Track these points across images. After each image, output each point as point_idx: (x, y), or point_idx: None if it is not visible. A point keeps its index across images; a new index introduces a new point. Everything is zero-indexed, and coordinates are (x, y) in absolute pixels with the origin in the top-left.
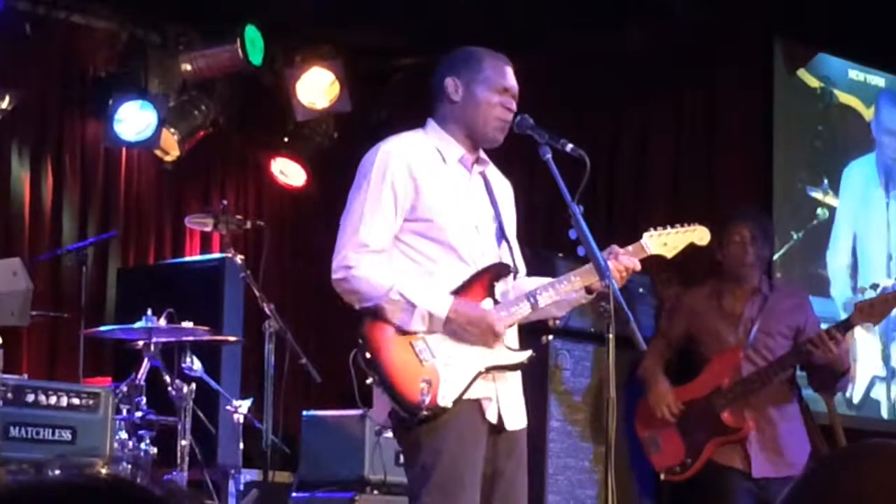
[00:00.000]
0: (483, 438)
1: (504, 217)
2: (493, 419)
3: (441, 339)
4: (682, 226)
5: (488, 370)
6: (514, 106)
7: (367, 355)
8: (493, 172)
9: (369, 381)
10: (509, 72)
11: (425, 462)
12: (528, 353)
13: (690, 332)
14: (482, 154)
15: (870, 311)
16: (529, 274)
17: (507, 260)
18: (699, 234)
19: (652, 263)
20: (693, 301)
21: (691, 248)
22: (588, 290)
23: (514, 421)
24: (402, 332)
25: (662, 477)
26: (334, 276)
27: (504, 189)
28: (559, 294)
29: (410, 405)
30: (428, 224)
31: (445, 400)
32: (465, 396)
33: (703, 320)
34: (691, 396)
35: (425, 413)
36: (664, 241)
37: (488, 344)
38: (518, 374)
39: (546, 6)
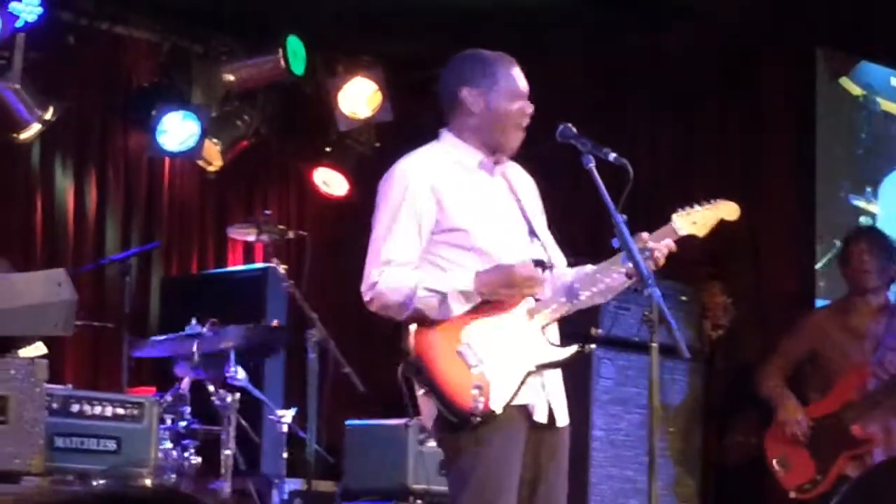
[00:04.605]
0: (522, 443)
1: (531, 214)
2: (543, 419)
3: (487, 343)
4: (710, 202)
5: (538, 368)
6: (531, 110)
7: (416, 367)
8: (514, 171)
9: (421, 392)
10: (520, 73)
11: (465, 466)
12: (574, 348)
13: (814, 350)
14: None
15: None
16: None
17: (541, 255)
18: (728, 210)
19: (695, 273)
20: (819, 319)
21: (723, 226)
22: (628, 276)
23: (562, 417)
24: (448, 332)
25: (793, 495)
26: (365, 298)
27: (527, 186)
28: (598, 287)
29: (464, 413)
30: (457, 234)
31: (498, 404)
32: (513, 402)
33: (830, 338)
34: (820, 413)
35: (479, 419)
36: (693, 220)
37: (532, 293)
38: (559, 372)
39: (585, 10)
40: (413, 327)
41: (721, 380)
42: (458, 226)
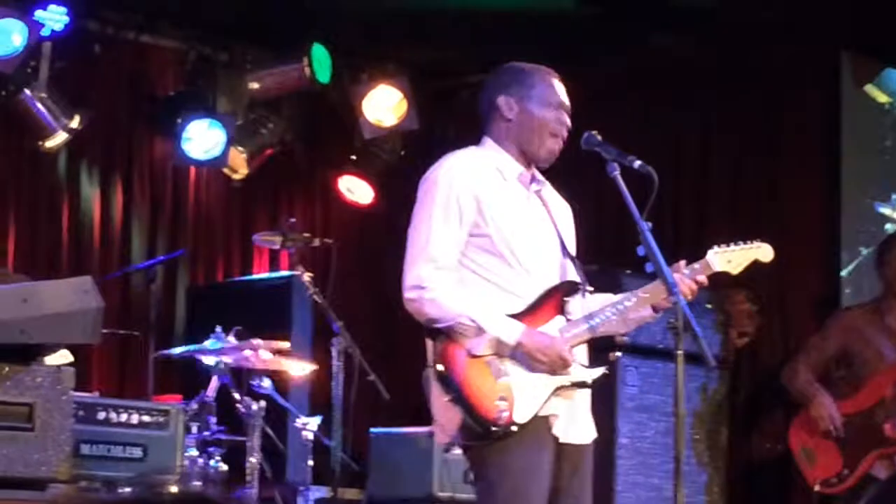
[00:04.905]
0: (549, 453)
1: (564, 235)
2: (559, 434)
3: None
4: (746, 242)
5: (563, 387)
6: (568, 121)
7: (443, 374)
8: (550, 193)
9: (446, 398)
10: (560, 86)
11: (492, 477)
12: (602, 370)
13: (847, 348)
14: (537, 173)
15: None
16: (597, 290)
17: (574, 276)
18: (763, 252)
19: (719, 279)
20: (852, 318)
21: (756, 265)
22: (654, 309)
23: (578, 436)
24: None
25: (817, 489)
26: (406, 294)
27: (563, 210)
28: (620, 315)
29: (487, 423)
30: (492, 239)
31: (521, 417)
32: (539, 413)
33: (864, 336)
34: (852, 410)
35: (501, 430)
36: (728, 258)
37: (556, 372)
38: (587, 392)
39: (601, 23)
40: (444, 335)
41: (746, 387)
42: (492, 232)
